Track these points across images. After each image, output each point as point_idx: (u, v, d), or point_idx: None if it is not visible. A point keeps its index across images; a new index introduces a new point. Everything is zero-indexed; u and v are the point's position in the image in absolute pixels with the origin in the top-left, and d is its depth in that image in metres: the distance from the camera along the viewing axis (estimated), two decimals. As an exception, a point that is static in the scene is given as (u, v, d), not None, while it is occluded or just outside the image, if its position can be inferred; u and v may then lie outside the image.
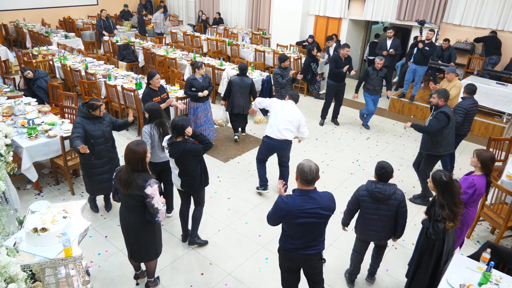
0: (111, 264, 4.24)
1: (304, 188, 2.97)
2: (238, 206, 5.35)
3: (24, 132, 5.32)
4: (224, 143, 7.11)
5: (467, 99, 5.59)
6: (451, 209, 3.16)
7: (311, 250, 3.10)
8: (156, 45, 10.87)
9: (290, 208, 2.94)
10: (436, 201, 3.31)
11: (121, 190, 3.38)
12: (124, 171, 3.34)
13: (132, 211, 3.46)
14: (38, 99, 6.86)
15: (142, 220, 3.45)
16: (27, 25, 12.74)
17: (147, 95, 5.72)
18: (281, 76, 7.13)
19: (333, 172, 6.29)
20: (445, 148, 5.16)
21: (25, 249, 3.11)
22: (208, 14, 15.18)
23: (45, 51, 9.56)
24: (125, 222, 3.56)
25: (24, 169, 5.08)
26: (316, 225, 3.01)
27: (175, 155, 3.91)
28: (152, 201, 3.30)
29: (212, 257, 4.43)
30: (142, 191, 3.27)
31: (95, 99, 4.45)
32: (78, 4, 15.13)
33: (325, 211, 2.97)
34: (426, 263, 3.46)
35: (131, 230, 3.54)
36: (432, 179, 3.25)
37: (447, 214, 3.14)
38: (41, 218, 3.27)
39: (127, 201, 3.44)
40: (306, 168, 2.91)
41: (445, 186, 3.15)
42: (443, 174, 3.18)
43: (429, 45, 8.52)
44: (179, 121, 3.86)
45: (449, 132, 5.07)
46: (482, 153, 3.76)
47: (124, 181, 3.30)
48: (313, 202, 2.94)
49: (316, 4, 11.27)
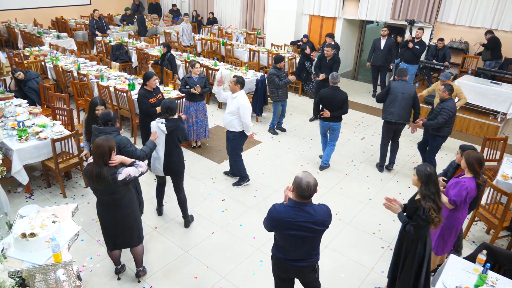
0: (103, 268, 4.17)
1: (298, 200, 2.82)
2: (233, 208, 5.30)
3: (14, 134, 5.23)
4: (218, 144, 7.06)
5: (450, 100, 5.48)
6: (434, 200, 3.14)
7: (303, 262, 2.99)
8: (149, 46, 10.78)
9: (281, 217, 2.83)
10: (417, 197, 3.29)
11: (94, 185, 3.42)
12: (92, 166, 3.38)
13: (109, 203, 3.55)
14: (30, 100, 6.77)
15: (121, 208, 3.58)
16: (19, 26, 12.60)
17: (143, 96, 5.60)
18: (277, 76, 7.04)
19: (328, 173, 6.25)
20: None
21: (13, 255, 3.04)
22: (202, 14, 15.11)
23: (37, 51, 9.45)
24: (105, 214, 3.62)
25: (14, 172, 4.99)
26: (308, 239, 2.88)
27: (171, 129, 4.41)
28: (132, 175, 3.44)
29: (206, 260, 4.37)
30: (114, 183, 3.36)
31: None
32: (71, 4, 15.00)
33: (318, 226, 2.83)
34: (409, 266, 3.37)
35: (113, 220, 3.62)
36: (416, 172, 3.24)
37: (430, 205, 3.11)
38: (30, 223, 3.20)
39: (103, 194, 3.50)
40: (304, 184, 2.73)
41: (429, 178, 3.16)
42: (428, 167, 3.20)
43: (419, 43, 8.61)
44: (171, 103, 4.48)
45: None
46: (468, 154, 3.68)
47: (95, 175, 3.34)
48: (306, 216, 2.80)
49: (311, 3, 11.24)
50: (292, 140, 7.36)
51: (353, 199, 5.57)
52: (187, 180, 5.83)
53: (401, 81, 5.94)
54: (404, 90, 5.84)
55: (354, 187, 5.90)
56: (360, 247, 4.59)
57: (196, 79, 6.27)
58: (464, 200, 3.63)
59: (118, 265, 4.06)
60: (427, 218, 3.11)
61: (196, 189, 5.67)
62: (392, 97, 5.87)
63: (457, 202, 3.63)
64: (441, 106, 5.49)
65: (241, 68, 8.88)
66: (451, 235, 3.89)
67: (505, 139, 5.89)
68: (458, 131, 8.10)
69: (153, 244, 4.57)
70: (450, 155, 6.98)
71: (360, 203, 5.48)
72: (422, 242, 3.31)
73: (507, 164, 5.30)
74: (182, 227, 4.85)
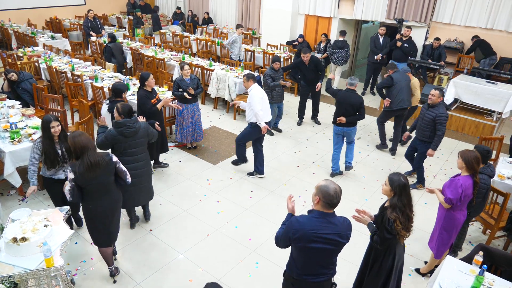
0: (96, 272, 4.13)
1: (325, 211, 2.67)
2: (228, 209, 5.26)
3: (6, 137, 5.16)
4: (213, 145, 7.02)
5: (442, 106, 5.35)
6: (404, 212, 3.02)
7: (321, 277, 2.81)
8: (144, 46, 10.72)
9: (305, 229, 2.63)
10: (386, 204, 3.19)
11: (92, 175, 3.46)
12: (85, 161, 3.45)
13: (106, 190, 3.65)
14: (23, 101, 6.70)
15: (114, 192, 3.73)
16: (12, 26, 12.48)
17: (145, 97, 5.49)
18: (271, 78, 7.01)
19: (324, 173, 6.23)
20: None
21: (4, 260, 3.00)
22: (198, 14, 15.05)
23: (31, 52, 9.36)
24: (101, 205, 3.64)
25: (6, 174, 4.93)
26: (330, 252, 2.72)
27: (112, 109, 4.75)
28: (119, 164, 3.70)
29: (201, 262, 4.33)
30: (109, 164, 3.56)
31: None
32: (65, 4, 14.88)
33: (342, 239, 2.68)
34: (374, 277, 3.28)
35: (109, 204, 3.69)
36: (389, 181, 3.09)
37: (395, 216, 2.98)
38: (22, 227, 3.16)
39: (98, 181, 3.54)
40: (332, 190, 2.59)
41: (403, 188, 3.03)
42: (401, 176, 3.07)
43: (407, 41, 8.72)
44: (119, 85, 5.08)
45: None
46: (465, 153, 3.72)
47: (94, 164, 3.43)
48: (331, 228, 2.64)
49: (306, 3, 11.21)
50: (288, 140, 7.33)
51: (349, 200, 5.54)
52: (182, 182, 5.80)
53: (397, 72, 6.57)
54: (404, 78, 6.57)
55: (350, 187, 5.87)
56: (357, 248, 4.56)
57: (188, 81, 6.21)
58: (459, 198, 3.65)
59: (112, 265, 4.03)
60: (392, 230, 3.00)
61: (191, 190, 5.63)
62: (399, 87, 6.45)
63: (453, 200, 3.65)
64: (434, 114, 5.28)
65: (237, 68, 8.84)
66: (451, 237, 3.88)
67: (501, 139, 5.88)
68: (454, 130, 8.11)
69: (148, 246, 4.52)
70: (446, 155, 6.99)
71: (356, 204, 5.46)
72: (391, 254, 3.18)
73: (503, 164, 5.29)
74: (178, 229, 4.81)
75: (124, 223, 4.85)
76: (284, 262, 3.06)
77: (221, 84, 8.27)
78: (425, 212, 5.34)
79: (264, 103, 5.65)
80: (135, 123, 4.18)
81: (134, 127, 4.18)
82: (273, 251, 4.45)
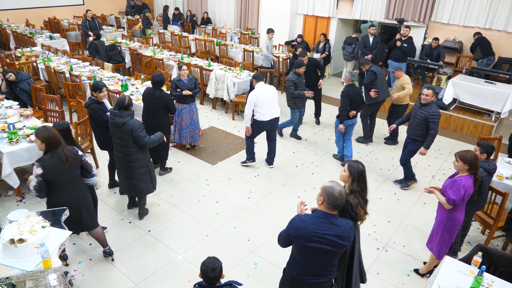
0: (95, 273, 4.11)
1: (328, 212, 2.69)
2: (227, 210, 5.25)
3: (4, 137, 5.15)
4: (212, 145, 7.01)
5: (434, 105, 5.32)
6: (363, 196, 3.16)
7: (321, 278, 2.83)
8: (143, 46, 10.71)
9: (306, 228, 2.66)
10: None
11: (63, 168, 3.57)
12: (56, 155, 3.56)
13: (76, 182, 3.80)
14: (21, 102, 6.68)
15: (82, 184, 3.88)
16: (10, 26, 12.46)
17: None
18: (294, 84, 6.54)
19: (323, 174, 6.22)
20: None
21: (2, 261, 2.98)
22: (197, 14, 15.04)
23: (29, 52, 9.35)
24: (73, 195, 3.75)
25: (4, 175, 4.91)
26: (330, 253, 2.74)
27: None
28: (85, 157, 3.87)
29: (200, 263, 4.31)
30: (77, 157, 3.74)
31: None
32: (64, 4, 14.88)
33: (343, 241, 2.70)
34: (339, 265, 3.25)
35: (79, 195, 3.82)
36: (348, 167, 3.22)
37: (357, 201, 3.09)
38: (19, 229, 3.13)
39: (68, 174, 3.66)
40: (336, 192, 2.62)
41: (360, 175, 3.18)
42: (359, 164, 3.22)
43: (406, 41, 8.73)
44: (98, 83, 4.94)
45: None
46: (466, 155, 3.69)
47: (65, 158, 3.56)
48: (333, 229, 2.67)
49: (305, 3, 11.22)
50: (286, 141, 7.32)
51: (348, 200, 5.53)
52: (181, 182, 5.79)
53: (374, 66, 6.88)
54: (381, 71, 6.94)
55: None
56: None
57: (186, 81, 6.20)
58: (462, 199, 3.65)
59: (107, 246, 4.23)
60: (356, 215, 3.07)
61: (189, 191, 5.62)
62: (381, 79, 6.82)
63: (456, 201, 3.64)
64: (427, 113, 5.24)
65: (235, 69, 8.83)
66: (452, 237, 3.88)
67: (500, 139, 5.88)
68: (452, 130, 8.11)
69: (147, 247, 4.51)
70: (444, 155, 6.99)
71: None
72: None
73: (501, 163, 5.29)
74: (176, 230, 4.80)
75: (122, 224, 4.85)
76: (283, 262, 3.06)
77: (220, 84, 8.26)
78: (425, 212, 5.34)
79: (263, 102, 5.72)
80: (121, 118, 4.32)
81: (116, 120, 4.34)
82: (272, 252, 4.45)
